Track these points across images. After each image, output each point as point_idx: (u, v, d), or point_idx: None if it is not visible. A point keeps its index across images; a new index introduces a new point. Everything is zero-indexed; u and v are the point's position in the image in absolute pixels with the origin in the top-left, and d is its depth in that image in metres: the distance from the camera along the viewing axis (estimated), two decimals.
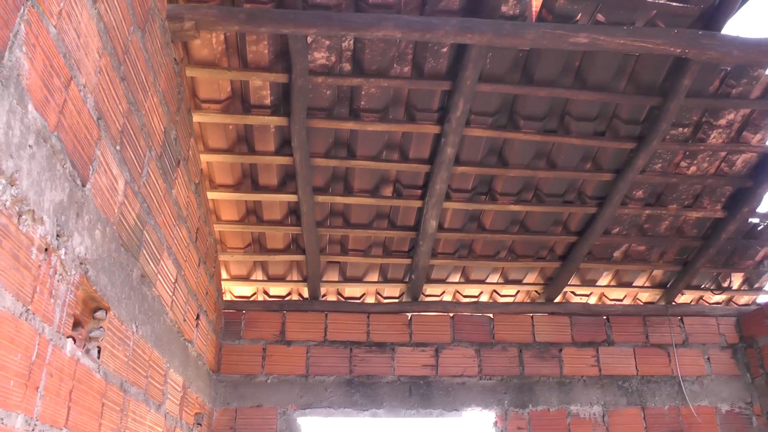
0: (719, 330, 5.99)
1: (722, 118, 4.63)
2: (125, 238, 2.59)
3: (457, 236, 5.24)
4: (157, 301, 3.15)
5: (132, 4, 2.60)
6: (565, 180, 4.94)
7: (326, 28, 3.45)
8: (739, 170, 5.06)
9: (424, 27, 3.49)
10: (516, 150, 4.64)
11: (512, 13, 3.83)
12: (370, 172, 4.69)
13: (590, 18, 3.93)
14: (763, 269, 5.90)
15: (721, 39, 3.69)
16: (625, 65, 4.27)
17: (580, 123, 4.52)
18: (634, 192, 5.09)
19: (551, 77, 4.22)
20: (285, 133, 4.36)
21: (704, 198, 5.26)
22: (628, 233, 5.48)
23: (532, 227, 5.29)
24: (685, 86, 4.20)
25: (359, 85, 4.12)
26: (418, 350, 5.46)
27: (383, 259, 5.37)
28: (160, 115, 3.11)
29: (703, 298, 6.25)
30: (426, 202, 4.79)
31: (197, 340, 4.23)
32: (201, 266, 4.29)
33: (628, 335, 5.85)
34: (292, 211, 4.96)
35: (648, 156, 4.65)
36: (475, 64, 3.89)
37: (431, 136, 4.50)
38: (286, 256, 5.24)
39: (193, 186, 4.01)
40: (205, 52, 3.79)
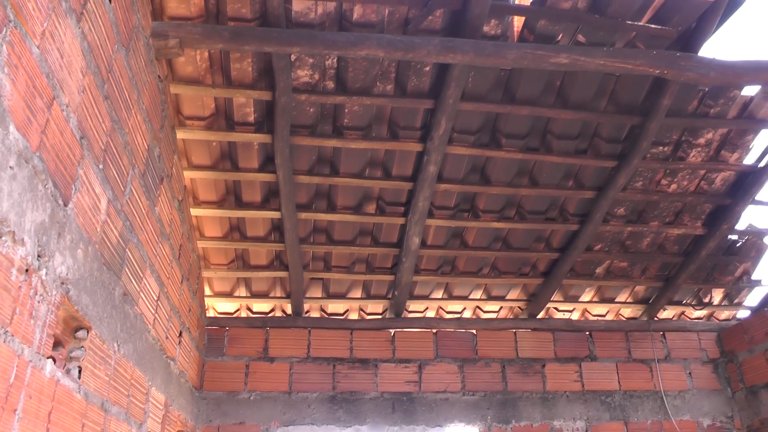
0: (700, 345, 6.03)
1: (701, 137, 4.70)
2: (108, 256, 2.58)
3: (440, 253, 5.27)
4: (139, 319, 3.14)
5: (116, 22, 2.60)
6: (548, 197, 4.98)
7: (309, 46, 3.48)
8: (718, 188, 5.12)
9: (407, 46, 3.52)
10: (498, 168, 4.67)
11: (494, 33, 3.87)
12: (353, 189, 4.71)
13: (571, 38, 3.98)
14: (743, 285, 5.96)
15: (698, 61, 3.75)
16: (606, 85, 4.33)
17: (561, 141, 4.57)
18: (615, 209, 5.14)
19: (533, 96, 4.26)
20: (268, 150, 4.37)
21: (685, 215, 5.32)
22: (610, 250, 5.52)
23: (515, 244, 5.32)
24: (665, 106, 4.26)
25: (342, 103, 4.14)
26: (401, 366, 5.46)
27: (366, 275, 5.39)
28: (144, 132, 3.12)
29: (685, 313, 6.30)
30: (409, 219, 4.81)
31: (180, 357, 4.22)
32: (184, 283, 4.28)
33: (611, 350, 5.88)
34: (275, 227, 4.96)
35: (629, 174, 4.70)
36: (457, 83, 3.93)
37: (414, 154, 4.53)
38: (269, 272, 5.24)
39: (177, 203, 4.01)
40: (190, 69, 3.80)
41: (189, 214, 4.53)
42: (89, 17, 2.27)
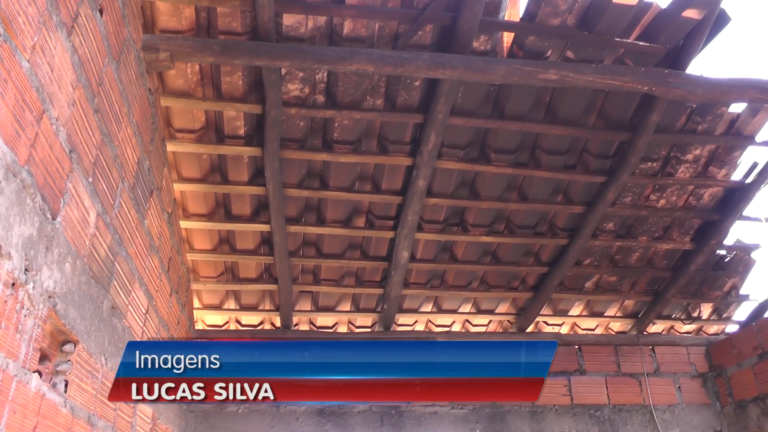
0: (690, 359, 6.04)
1: (689, 153, 4.73)
2: (96, 270, 2.58)
3: (429, 266, 5.28)
4: (127, 333, 3.13)
5: (107, 35, 2.61)
6: (537, 212, 5.00)
7: (300, 60, 3.50)
8: (706, 204, 5.15)
9: (397, 61, 3.54)
10: (487, 182, 4.70)
11: (483, 48, 3.90)
12: (343, 202, 4.72)
13: (560, 55, 4.01)
14: (731, 299, 5.99)
15: (686, 78, 3.79)
16: (595, 101, 4.36)
17: (551, 156, 4.60)
18: (604, 224, 5.16)
19: (522, 111, 4.29)
20: (258, 163, 4.38)
21: (673, 230, 5.35)
22: (599, 264, 5.54)
23: (504, 258, 5.33)
24: (654, 122, 4.29)
25: (332, 117, 4.16)
26: None
27: (356, 288, 5.39)
28: (134, 145, 3.12)
29: (674, 327, 6.32)
30: (398, 233, 4.82)
31: None
32: (173, 296, 4.27)
33: (600, 364, 5.88)
34: (264, 240, 4.96)
35: (618, 189, 4.72)
36: (446, 98, 3.95)
37: (403, 168, 4.54)
38: (258, 285, 5.23)
39: (166, 215, 4.00)
40: (180, 82, 3.81)
41: (178, 226, 4.53)
42: (80, 31, 2.28)
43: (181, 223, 4.59)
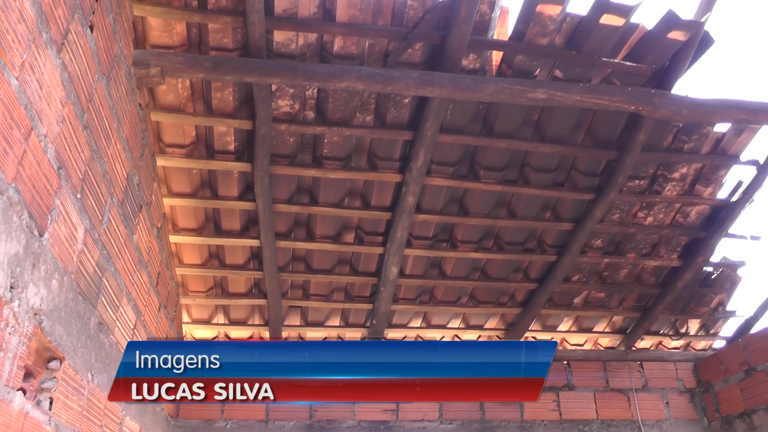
0: (677, 375, 6.06)
1: (676, 171, 4.77)
2: (83, 286, 2.58)
3: (418, 282, 5.30)
4: (115, 348, 3.12)
5: (97, 52, 2.62)
6: (525, 229, 5.02)
7: (290, 77, 3.51)
8: (693, 221, 5.19)
9: (386, 79, 3.56)
10: (476, 199, 4.72)
11: (473, 67, 3.93)
12: (333, 218, 4.74)
13: (549, 73, 4.04)
14: (718, 316, 6.03)
15: (671, 98, 3.83)
16: (583, 119, 4.39)
17: (539, 174, 4.63)
18: (593, 241, 5.19)
19: (511, 129, 4.32)
20: (248, 178, 4.39)
21: (661, 247, 5.38)
22: (587, 280, 5.57)
23: (493, 274, 5.35)
24: (641, 141, 4.33)
25: (322, 134, 4.18)
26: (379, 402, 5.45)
27: (345, 304, 5.40)
28: (123, 161, 3.13)
29: (662, 343, 6.35)
30: (387, 248, 4.84)
31: None
32: (161, 311, 4.27)
33: (589, 380, 5.90)
34: (254, 255, 4.96)
35: (606, 207, 4.75)
36: (435, 115, 3.98)
37: (393, 185, 4.56)
38: (247, 300, 5.24)
39: (155, 230, 4.01)
40: (171, 97, 3.82)
41: (168, 241, 4.53)
42: (70, 47, 2.29)
43: (170, 237, 4.59)
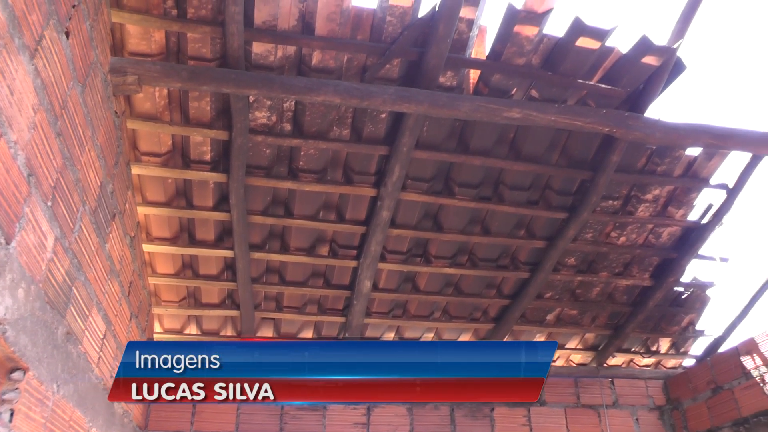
0: (648, 392, 6.10)
1: (649, 193, 4.83)
2: (52, 295, 2.56)
3: (391, 296, 5.30)
4: (82, 359, 3.09)
5: (73, 58, 2.60)
6: (499, 245, 5.05)
7: (267, 89, 3.52)
8: (665, 242, 5.25)
9: (363, 94, 3.58)
10: (451, 215, 4.74)
11: (450, 84, 3.96)
12: (307, 231, 4.73)
13: (525, 93, 4.08)
14: (688, 335, 6.09)
15: (645, 121, 3.89)
16: (558, 139, 4.43)
17: (513, 192, 4.66)
18: (566, 259, 5.23)
19: (486, 147, 4.35)
20: (224, 189, 4.38)
21: (633, 267, 5.44)
22: (560, 298, 5.60)
23: (466, 290, 5.37)
24: (614, 162, 4.38)
25: (299, 146, 4.18)
26: (350, 408, 5.43)
27: (318, 316, 5.39)
28: (97, 169, 3.10)
29: (633, 361, 6.40)
30: (361, 262, 4.84)
31: None
32: (133, 320, 4.23)
33: (560, 396, 5.91)
34: (228, 266, 4.95)
35: (579, 226, 4.80)
36: (411, 131, 4.00)
37: (368, 199, 4.57)
38: (220, 311, 5.22)
39: (129, 239, 3.98)
40: (148, 105, 3.81)
41: (141, 250, 4.50)
42: (44, 53, 2.27)
43: (144, 246, 4.56)
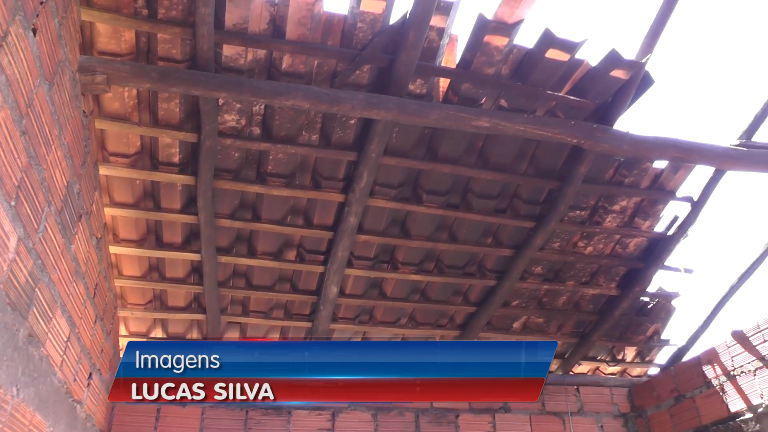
0: (612, 400, 6.15)
1: (616, 204, 4.88)
2: (14, 297, 2.51)
3: (358, 302, 5.30)
4: (45, 362, 3.04)
5: (40, 56, 2.57)
6: (466, 253, 5.07)
7: (236, 93, 3.51)
8: (631, 252, 5.31)
9: (332, 100, 3.58)
10: (418, 222, 4.76)
11: (419, 92, 3.97)
12: (275, 235, 4.72)
13: (494, 102, 4.10)
14: (653, 344, 6.16)
15: (613, 133, 3.93)
16: (527, 149, 4.46)
17: (481, 200, 4.69)
18: (533, 267, 5.26)
19: (455, 155, 4.37)
20: (191, 191, 4.36)
21: (600, 276, 5.49)
22: (527, 306, 5.64)
23: (433, 296, 5.39)
24: (582, 173, 4.42)
25: (267, 150, 4.17)
26: (314, 414, 5.42)
27: (284, 321, 5.38)
28: (64, 168, 3.07)
29: (599, 368, 6.46)
30: (328, 267, 4.84)
31: (87, 400, 4.08)
32: (98, 323, 4.18)
33: (525, 403, 5.94)
34: (195, 269, 4.91)
35: (546, 235, 4.83)
36: (380, 137, 4.00)
37: (336, 204, 4.57)
38: (186, 314, 5.18)
39: (95, 240, 3.93)
40: (117, 105, 3.78)
41: (107, 251, 4.45)
42: (9, 50, 2.24)
43: (110, 248, 4.52)
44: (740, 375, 4.90)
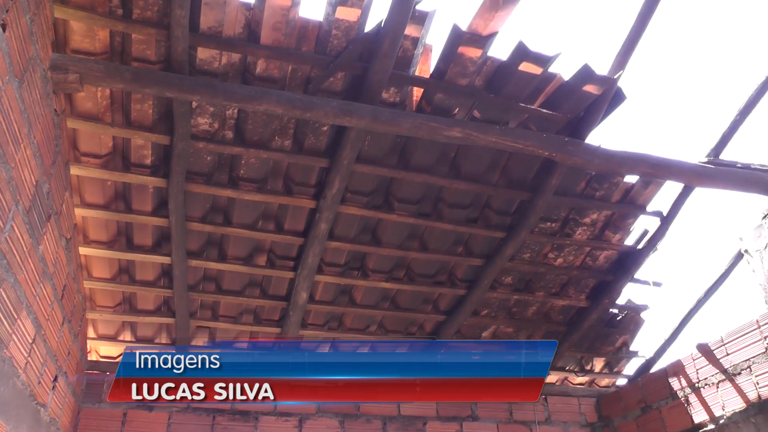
0: (580, 409, 6.19)
1: (587, 216, 4.93)
2: None
3: (327, 309, 5.29)
4: (8, 363, 2.99)
5: (9, 53, 2.53)
6: (437, 262, 5.09)
7: (210, 96, 3.48)
8: (601, 265, 5.35)
9: (305, 106, 3.56)
10: (389, 230, 4.77)
11: (393, 100, 3.99)
12: (245, 240, 4.70)
13: (467, 113, 4.13)
14: (622, 355, 6.21)
15: (584, 147, 3.96)
16: (499, 160, 4.49)
17: (453, 210, 4.71)
18: (503, 277, 5.29)
19: (427, 164, 4.39)
20: (163, 194, 4.33)
21: (570, 288, 5.53)
22: (496, 315, 5.66)
23: (403, 304, 5.40)
24: (554, 185, 4.46)
25: (240, 154, 4.16)
26: (281, 420, 5.38)
27: (253, 327, 5.34)
28: (33, 167, 3.03)
29: (568, 379, 6.50)
30: (298, 273, 4.83)
31: (52, 403, 4.01)
32: (65, 325, 4.12)
33: (493, 411, 5.95)
34: (165, 272, 4.88)
35: (517, 245, 4.87)
36: (353, 145, 4.01)
37: (307, 210, 4.57)
38: (155, 317, 5.13)
39: (64, 241, 3.88)
40: (89, 105, 3.75)
41: (77, 253, 4.40)
42: None
43: (80, 249, 4.47)
44: (704, 387, 4.95)
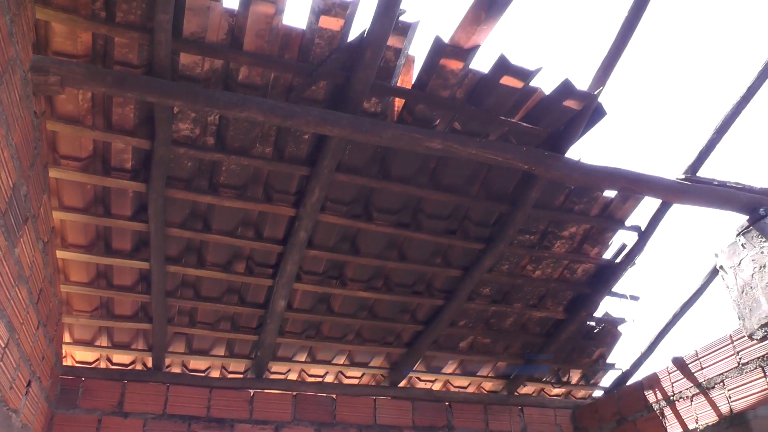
0: (556, 421, 6.22)
1: (566, 230, 4.97)
2: None
3: (305, 317, 5.27)
4: None
5: None
6: (415, 272, 5.10)
7: (191, 101, 3.47)
8: (579, 278, 5.40)
9: (286, 113, 3.56)
10: (368, 239, 4.78)
11: (374, 110, 4.00)
12: (224, 246, 4.69)
13: (448, 125, 4.15)
14: (599, 367, 6.26)
15: (564, 162, 3.99)
16: (479, 172, 4.52)
17: (432, 220, 4.73)
18: (481, 289, 5.31)
19: (407, 174, 4.41)
20: (142, 199, 4.32)
21: (547, 300, 5.56)
22: (474, 326, 5.68)
23: (381, 314, 5.41)
24: (533, 198, 4.50)
25: (220, 161, 4.15)
26: (257, 428, 5.36)
27: (231, 333, 5.32)
28: (10, 170, 3.02)
29: (544, 390, 6.53)
30: (276, 281, 4.82)
31: (25, 409, 3.97)
32: (40, 329, 4.09)
33: (469, 421, 5.97)
34: (143, 278, 4.85)
35: (496, 257, 4.89)
36: (333, 154, 4.02)
37: (286, 218, 4.57)
38: (132, 323, 5.09)
39: (41, 244, 3.86)
40: (70, 107, 3.73)
41: (54, 256, 4.37)
42: None
43: (57, 252, 4.44)
44: (679, 400, 5.01)
